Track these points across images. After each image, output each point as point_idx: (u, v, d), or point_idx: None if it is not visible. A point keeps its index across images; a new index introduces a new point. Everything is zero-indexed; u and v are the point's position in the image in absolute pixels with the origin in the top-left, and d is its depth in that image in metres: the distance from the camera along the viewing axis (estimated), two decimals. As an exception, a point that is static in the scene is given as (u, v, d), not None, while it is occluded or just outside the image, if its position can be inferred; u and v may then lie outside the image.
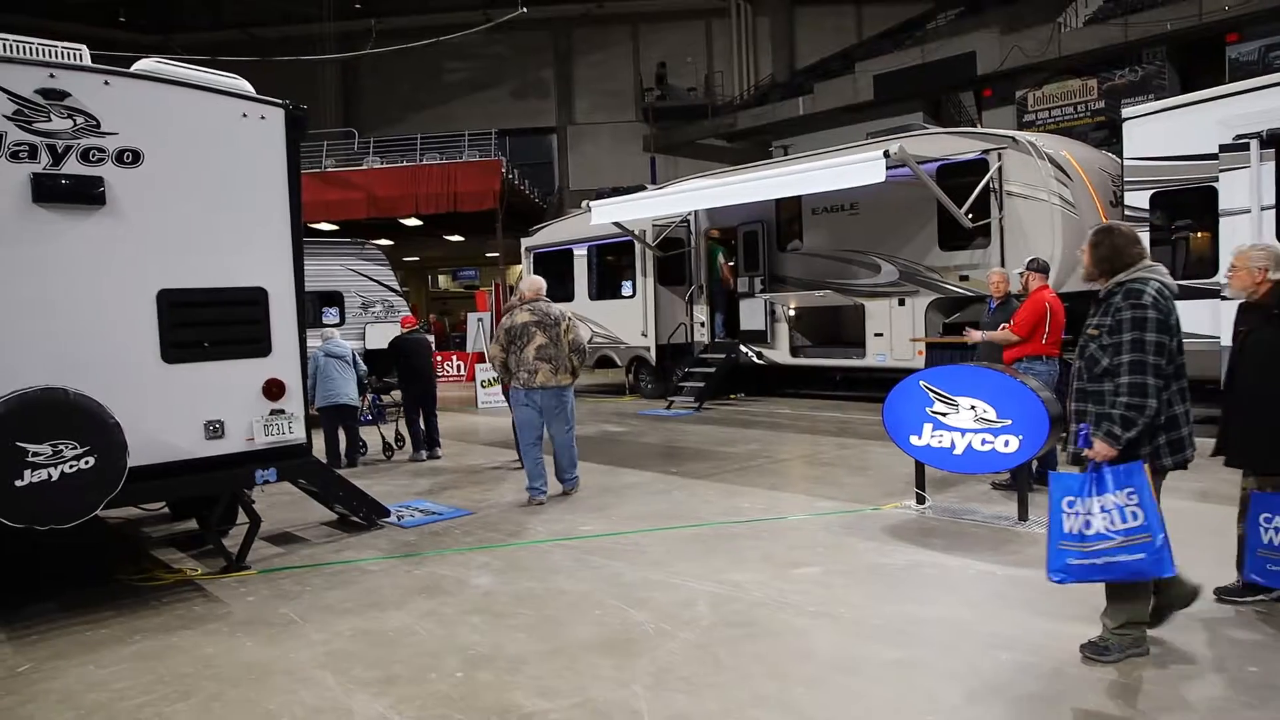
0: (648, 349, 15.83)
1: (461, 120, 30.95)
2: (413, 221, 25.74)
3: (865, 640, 4.29)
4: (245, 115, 5.84)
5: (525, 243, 18.94)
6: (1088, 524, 3.80)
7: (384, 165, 25.07)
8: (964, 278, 11.54)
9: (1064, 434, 4.28)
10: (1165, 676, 3.80)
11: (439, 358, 22.92)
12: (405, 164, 25.08)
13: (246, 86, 6.08)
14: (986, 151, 11.22)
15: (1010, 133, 11.83)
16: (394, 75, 32.89)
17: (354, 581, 5.60)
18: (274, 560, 6.21)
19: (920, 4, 31.37)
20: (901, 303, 12.27)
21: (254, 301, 5.87)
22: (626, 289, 16.42)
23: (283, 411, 5.96)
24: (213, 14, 33.33)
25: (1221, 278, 8.98)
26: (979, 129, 14.02)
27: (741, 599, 4.93)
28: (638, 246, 15.72)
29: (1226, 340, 8.92)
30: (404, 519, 7.22)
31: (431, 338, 25.43)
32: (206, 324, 5.68)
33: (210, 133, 5.68)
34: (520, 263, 19.59)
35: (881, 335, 12.57)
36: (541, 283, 7.91)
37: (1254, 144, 8.60)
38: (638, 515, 7.04)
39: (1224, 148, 8.83)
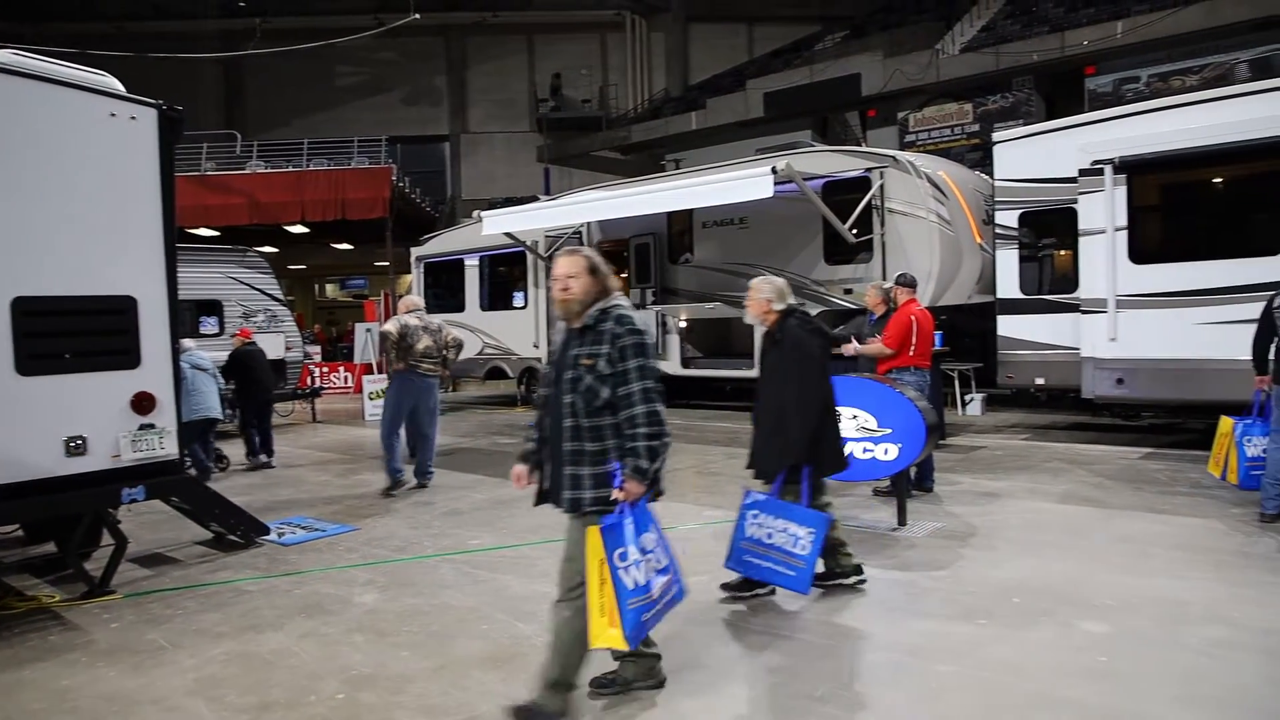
0: (539, 360, 15.76)
1: (351, 126, 30.25)
2: (299, 229, 24.96)
3: (747, 646, 4.38)
4: (114, 115, 5.57)
5: (415, 252, 18.62)
6: (642, 573, 3.47)
7: (268, 170, 24.23)
8: (848, 291, 11.93)
9: (941, 440, 4.53)
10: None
11: (325, 369, 22.29)
12: (291, 169, 24.30)
13: (115, 84, 5.80)
14: (869, 170, 11.64)
15: (891, 152, 12.31)
16: (280, 77, 31.91)
17: (230, 603, 5.38)
18: (142, 583, 5.90)
19: (809, 26, 32.35)
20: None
21: (122, 310, 5.59)
22: (519, 300, 16.33)
23: (153, 426, 5.68)
24: (88, 6, 31.61)
25: (1082, 293, 9.60)
26: (862, 148, 14.53)
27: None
28: (530, 257, 15.67)
29: (1086, 351, 9.56)
30: (284, 536, 6.98)
31: (318, 348, 24.86)
32: (68, 334, 5.36)
33: (74, 132, 5.39)
34: (410, 272, 19.24)
35: (770, 346, 12.83)
36: (419, 301, 9.16)
37: (1108, 169, 9.21)
38: (527, 528, 6.98)
39: (1082, 172, 9.42)
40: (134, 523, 6.88)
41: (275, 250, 26.03)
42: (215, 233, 23.43)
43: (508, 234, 14.83)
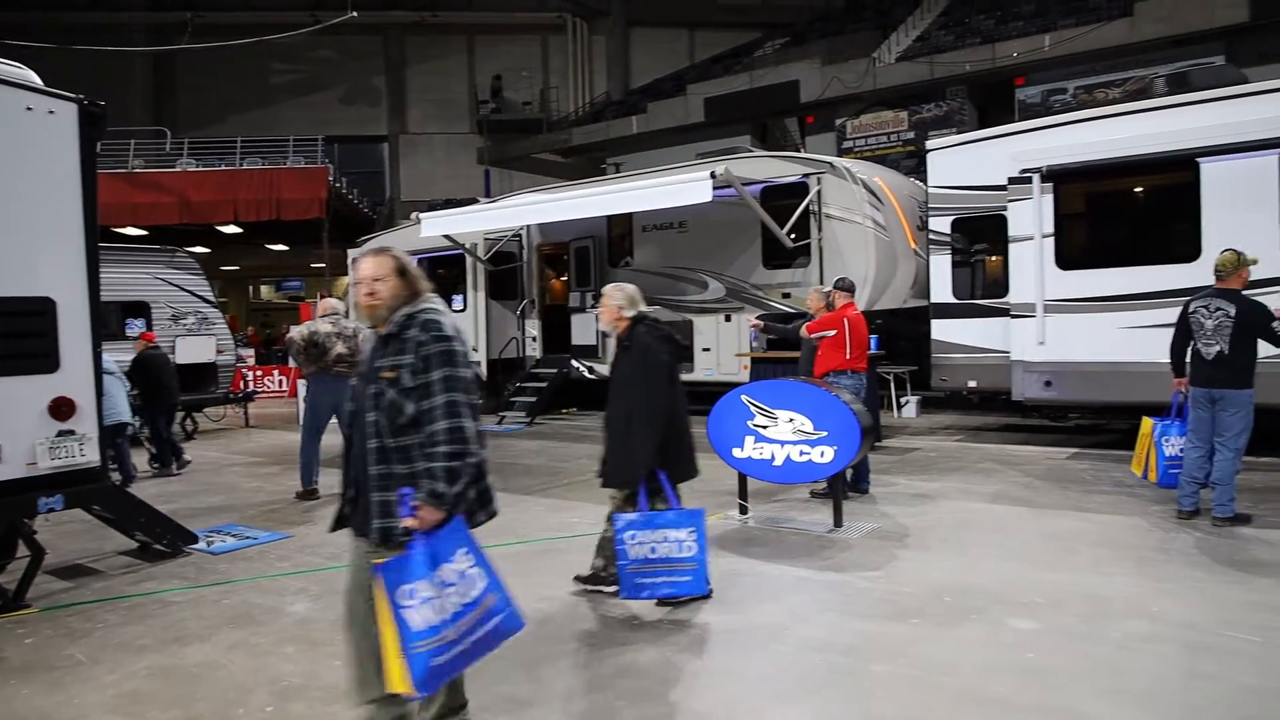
0: (478, 363, 15.62)
1: (286, 124, 29.62)
2: (231, 229, 24.36)
3: (684, 651, 4.38)
4: (30, 108, 5.36)
5: (353, 254, 18.31)
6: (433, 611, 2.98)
7: (200, 168, 23.60)
8: (786, 295, 12.06)
9: (876, 442, 4.56)
10: (958, 670, 4.07)
11: (259, 372, 21.79)
12: (224, 168, 23.71)
13: (32, 77, 5.59)
14: (807, 175, 11.78)
15: (828, 158, 12.48)
16: (213, 73, 31.11)
17: (154, 615, 5.21)
18: (60, 596, 5.68)
19: (749, 32, 32.66)
20: (728, 318, 12.69)
21: (38, 312, 5.38)
22: (457, 302, 16.15)
23: (72, 432, 5.49)
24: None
25: (1012, 298, 9.83)
26: (800, 154, 14.71)
27: (564, 615, 4.93)
28: (469, 260, 15.52)
29: (1016, 354, 9.80)
30: (213, 545, 6.80)
31: (251, 351, 24.28)
32: (-20, 336, 5.16)
33: (-13, 127, 5.18)
34: (348, 274, 18.91)
35: (709, 350, 12.95)
36: (338, 304, 8.88)
37: (1036, 178, 9.46)
38: (465, 533, 6.90)
39: (1012, 180, 9.66)
40: (52, 533, 6.63)
41: (207, 251, 25.36)
42: (143, 232, 22.74)
43: (447, 236, 14.67)
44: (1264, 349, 6.41)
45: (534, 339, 15.55)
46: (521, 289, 15.60)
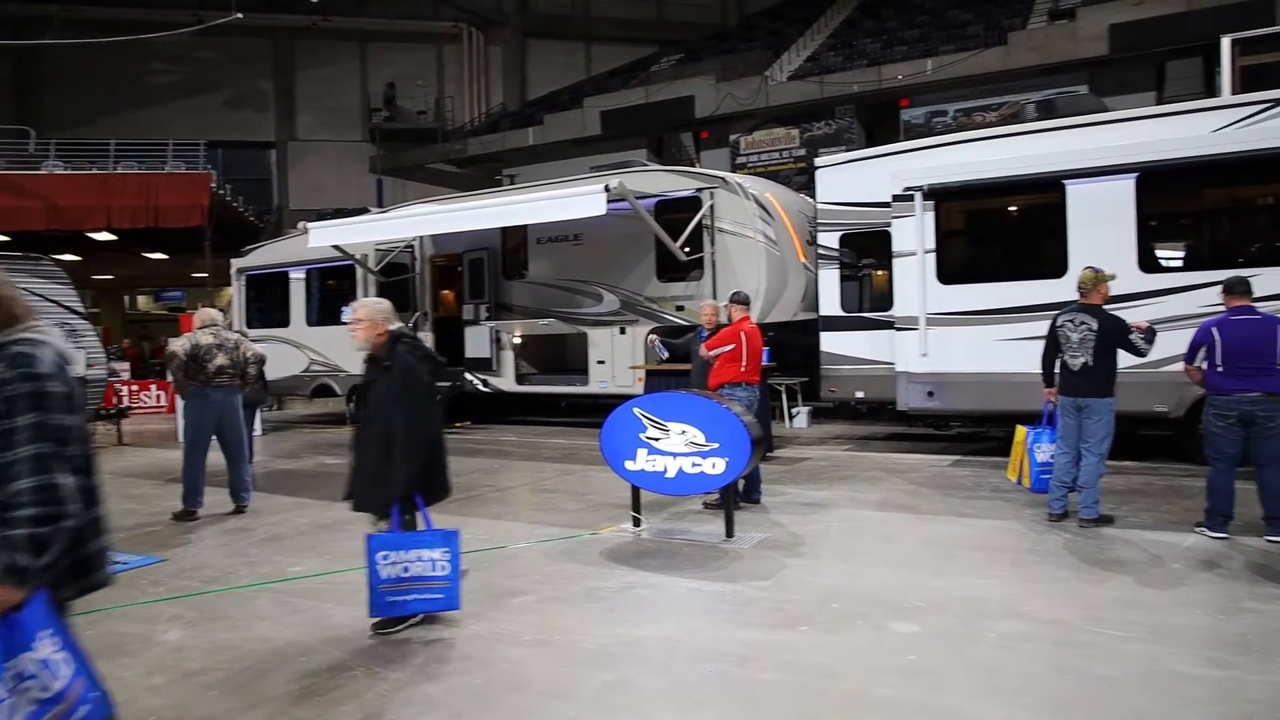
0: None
1: (166, 128, 28.31)
2: (104, 236, 23.11)
3: (579, 665, 4.34)
4: None
5: (236, 264, 17.65)
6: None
7: (69, 171, 22.33)
8: (680, 308, 12.18)
9: (768, 453, 4.59)
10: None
11: (135, 387, 20.71)
12: (96, 171, 22.50)
13: None
14: (700, 190, 11.96)
15: (721, 174, 12.69)
16: (85, 72, 29.57)
17: (8, 647, 4.86)
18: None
19: (645, 48, 33.02)
20: (623, 331, 12.74)
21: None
22: (347, 314, 15.71)
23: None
24: None
25: (896, 311, 10.17)
26: (693, 169, 14.91)
27: (456, 633, 4.83)
28: (359, 271, 15.15)
29: (900, 365, 10.13)
30: (78, 571, 6.38)
31: (126, 365, 23.07)
32: None
33: None
34: (232, 285, 18.20)
35: (604, 363, 12.97)
36: (215, 314, 8.59)
37: (918, 195, 9.84)
38: (352, 552, 6.67)
39: (896, 197, 10.02)
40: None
41: (78, 259, 24.03)
42: (5, 238, 21.37)
43: (336, 247, 14.29)
44: (1125, 360, 6.82)
45: (428, 351, 15.25)
46: (414, 301, 15.31)
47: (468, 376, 14.52)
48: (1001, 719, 3.64)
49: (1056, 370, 6.95)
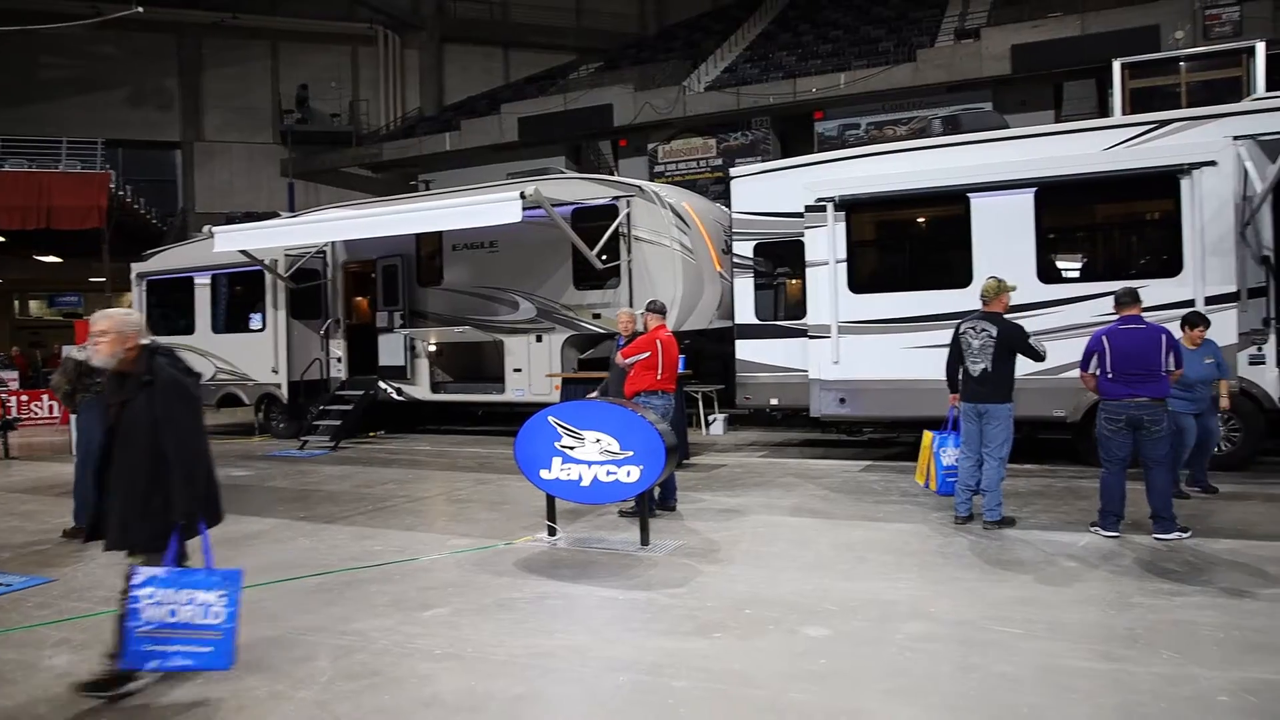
0: (279, 386, 14.81)
1: (60, 125, 27.06)
2: (-9, 237, 21.98)
3: (490, 678, 4.28)
4: None
5: (136, 268, 16.96)
6: None
7: (-52, 168, 21.17)
8: (597, 316, 12.18)
9: (684, 460, 4.59)
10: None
11: (24, 397, 19.72)
12: (-20, 169, 21.37)
13: None
14: (617, 198, 11.98)
15: (637, 182, 12.74)
16: (-35, 64, 28.09)
17: (-124, 677, 4.56)
18: None
19: (563, 55, 33.02)
20: (539, 339, 12.67)
21: None
22: (255, 322, 15.28)
23: None
24: None
25: (809, 319, 10.34)
26: (610, 177, 14.94)
27: (366, 648, 4.71)
28: (268, 277, 14.72)
29: (813, 373, 10.31)
30: (-43, 593, 6.03)
31: (15, 374, 21.92)
32: None
33: None
34: (132, 290, 17.46)
35: (520, 371, 12.87)
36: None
37: (830, 207, 10.04)
38: (257, 568, 6.47)
39: (808, 208, 10.20)
40: None
41: (-39, 262, 22.78)
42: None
43: (244, 252, 13.85)
44: (1027, 367, 7.08)
45: (339, 360, 14.94)
46: (326, 308, 14.96)
47: (381, 385, 14.24)
48: (909, 719, 3.72)
49: (960, 377, 7.17)
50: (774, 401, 11.03)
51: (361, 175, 30.71)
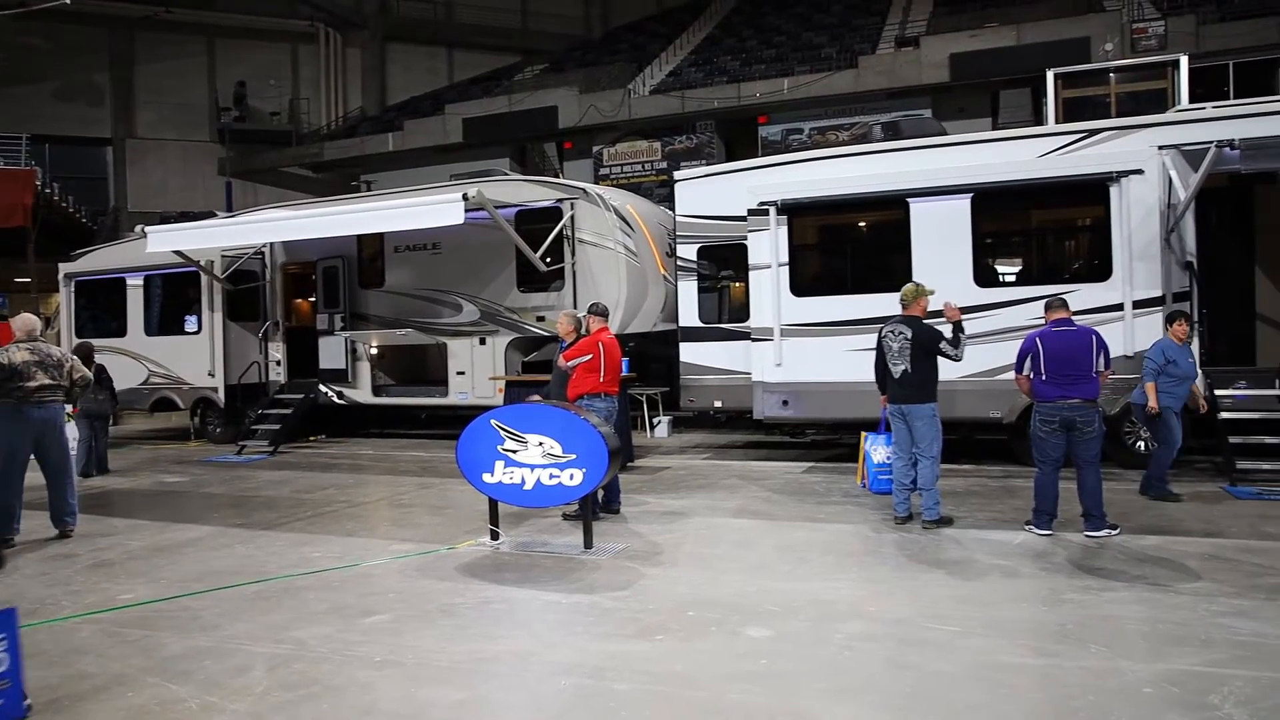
0: (215, 390, 14.47)
1: (-19, 119, 26.19)
2: (-93, 235, 21.13)
3: (431, 685, 4.23)
4: None
5: (65, 269, 16.43)
6: None
7: None
8: (541, 318, 12.13)
9: (628, 463, 4.54)
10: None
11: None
12: (-106, 163, 20.55)
13: None
14: (561, 200, 11.95)
15: (581, 184, 12.71)
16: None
17: None
18: None
19: (509, 56, 32.88)
20: (483, 342, 12.58)
21: None
22: (191, 324, 14.91)
23: None
24: None
25: (752, 322, 10.43)
26: (554, 179, 14.90)
27: (304, 657, 4.63)
28: (204, 278, 14.38)
29: (756, 375, 10.40)
30: None
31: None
32: None
33: None
34: (60, 290, 16.91)
35: (463, 374, 12.76)
36: (35, 321, 7.72)
37: (772, 210, 10.14)
38: (191, 576, 6.33)
39: (751, 212, 10.29)
40: None
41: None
42: None
43: (178, 253, 13.51)
44: (964, 369, 7.24)
45: (278, 363, 14.65)
46: (264, 310, 14.66)
47: (322, 388, 14.01)
48: (847, 717, 3.77)
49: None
50: (718, 404, 11.09)
51: (302, 175, 30.20)
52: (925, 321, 7.20)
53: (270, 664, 4.54)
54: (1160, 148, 8.85)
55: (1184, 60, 11.55)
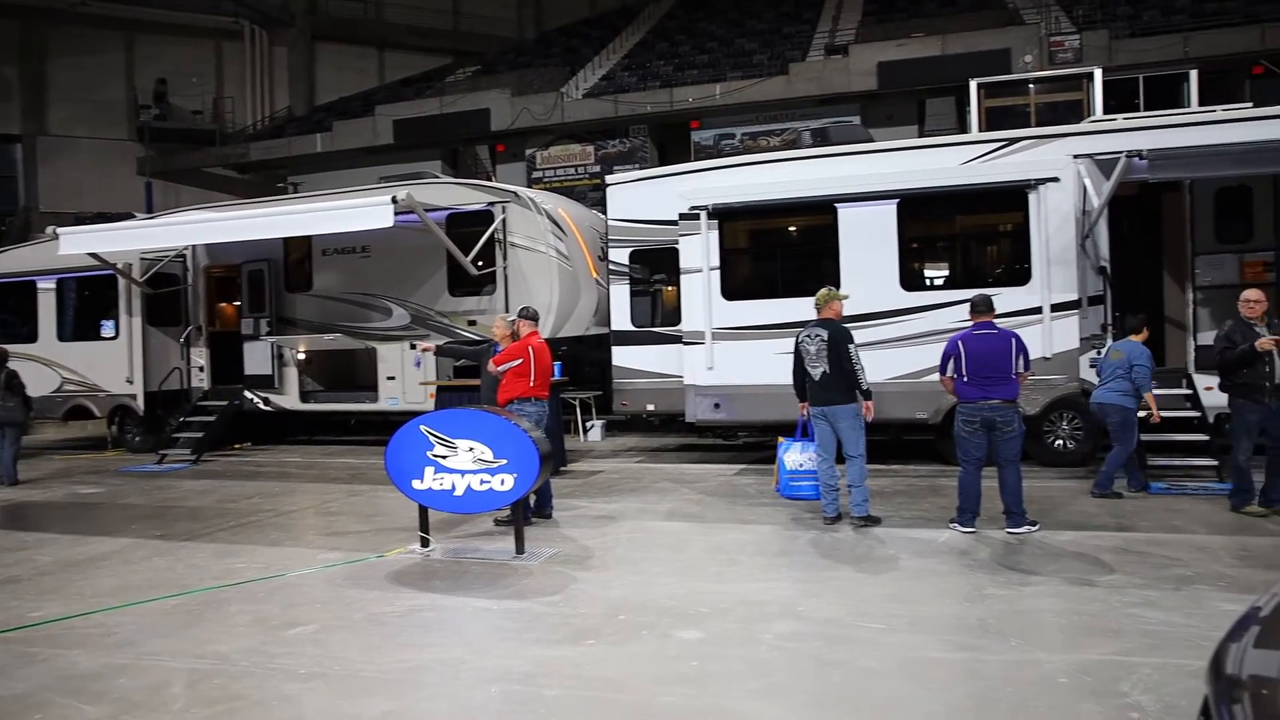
0: (134, 397, 13.98)
1: None
2: None
3: (358, 696, 4.16)
4: None
5: (-35, 270, 15.72)
6: None
7: None
8: (472, 322, 12.01)
9: (561, 467, 4.45)
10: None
11: None
12: None
13: None
14: (492, 204, 11.86)
15: (513, 188, 12.64)
16: None
17: None
18: None
19: (440, 58, 32.51)
20: (413, 346, 12.41)
21: None
22: (107, 329, 14.38)
23: None
24: None
25: (684, 326, 10.49)
26: (486, 182, 14.78)
27: (225, 672, 4.50)
28: (122, 282, 13.89)
29: (688, 378, 10.46)
30: None
31: None
32: None
33: None
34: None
35: (394, 379, 12.57)
36: None
37: (703, 215, 10.21)
38: (106, 591, 6.11)
39: (682, 216, 10.35)
40: None
41: None
42: None
43: (93, 255, 13.03)
44: (891, 371, 7.38)
45: (201, 369, 14.24)
46: (186, 314, 14.24)
47: (247, 395, 13.66)
48: (775, 716, 3.81)
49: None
50: (650, 407, 11.13)
51: (226, 176, 29.39)
52: (841, 324, 7.34)
53: (189, 680, 4.41)
54: (1075, 156, 9.16)
55: (1098, 73, 11.97)
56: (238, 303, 14.18)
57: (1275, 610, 1.97)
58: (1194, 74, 11.85)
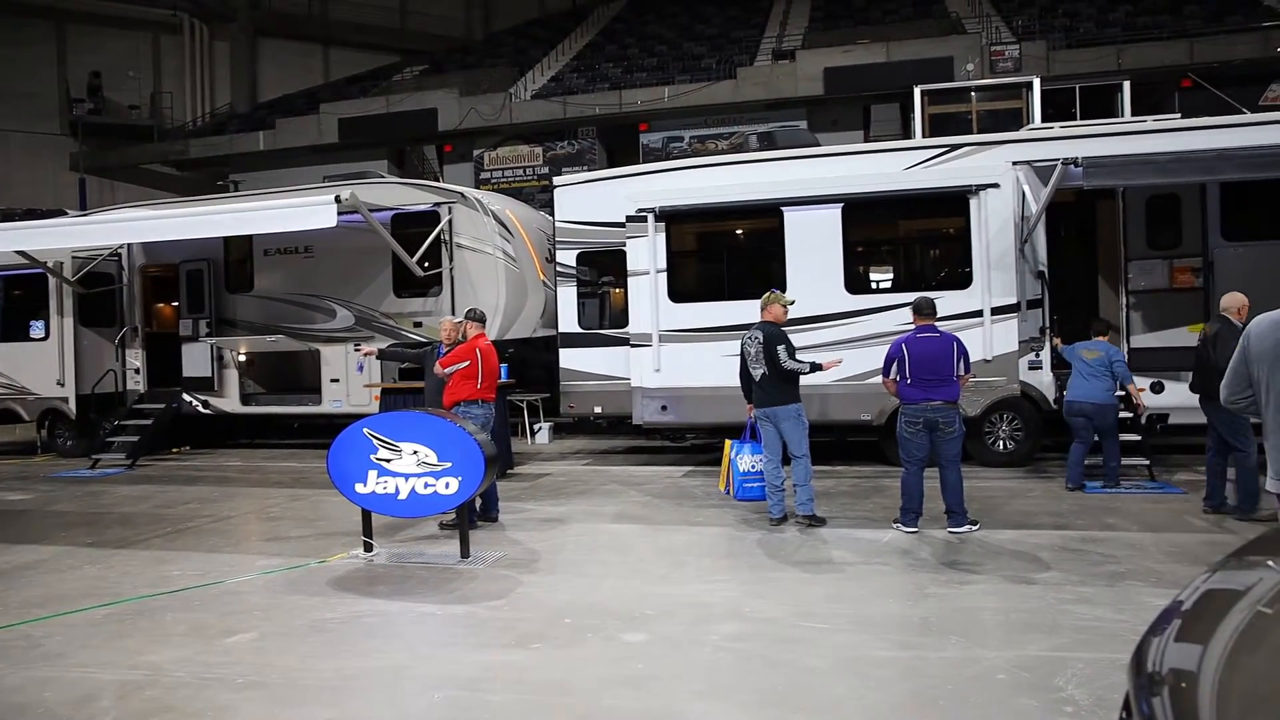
0: (65, 400, 13.56)
1: None
2: None
3: (297, 705, 4.08)
4: None
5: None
6: None
7: None
8: (418, 324, 11.88)
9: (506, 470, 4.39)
10: None
11: None
12: None
13: None
14: (438, 204, 11.74)
15: (459, 188, 12.53)
16: None
17: None
18: None
19: (387, 56, 32.15)
20: (358, 347, 12.22)
21: None
22: (37, 330, 13.91)
23: None
24: None
25: (631, 328, 10.50)
26: (431, 183, 14.63)
27: (158, 682, 4.37)
28: (53, 281, 13.47)
29: (636, 381, 10.46)
30: None
31: None
32: None
33: None
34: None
35: (338, 381, 12.38)
36: None
37: (650, 217, 10.23)
38: (33, 601, 5.90)
39: (629, 218, 10.35)
40: None
41: None
42: None
43: (21, 253, 12.62)
44: (836, 373, 7.44)
45: (137, 371, 13.86)
46: (122, 315, 13.85)
47: (185, 397, 13.33)
48: (720, 717, 3.82)
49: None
50: (598, 409, 11.11)
51: (165, 173, 28.70)
52: (775, 325, 7.42)
53: (120, 692, 4.27)
54: (1015, 163, 9.37)
55: (1037, 82, 12.28)
56: (176, 303, 13.83)
57: (1195, 604, 2.03)
58: (1127, 85, 12.22)
